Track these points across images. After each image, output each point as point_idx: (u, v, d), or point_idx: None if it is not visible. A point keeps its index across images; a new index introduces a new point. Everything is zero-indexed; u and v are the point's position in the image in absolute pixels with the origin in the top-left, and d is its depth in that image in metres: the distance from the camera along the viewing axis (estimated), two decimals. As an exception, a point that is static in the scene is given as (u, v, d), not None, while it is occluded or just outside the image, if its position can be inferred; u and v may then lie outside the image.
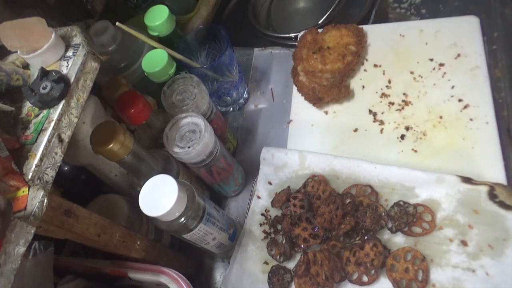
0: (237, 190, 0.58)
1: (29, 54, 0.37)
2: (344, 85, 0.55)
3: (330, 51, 0.56)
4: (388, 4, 0.67)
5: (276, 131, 0.61)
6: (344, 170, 0.49)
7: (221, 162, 0.49)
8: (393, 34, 0.58)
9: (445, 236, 0.41)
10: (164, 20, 0.54)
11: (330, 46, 0.57)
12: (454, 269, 0.39)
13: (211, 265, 0.54)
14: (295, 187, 0.51)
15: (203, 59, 0.60)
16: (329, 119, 0.55)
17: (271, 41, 0.70)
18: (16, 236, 0.28)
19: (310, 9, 0.77)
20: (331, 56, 0.55)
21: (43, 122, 0.34)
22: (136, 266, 0.42)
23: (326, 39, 0.58)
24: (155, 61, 0.51)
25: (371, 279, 0.40)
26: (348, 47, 0.56)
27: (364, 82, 0.56)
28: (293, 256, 0.46)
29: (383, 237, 0.43)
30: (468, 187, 0.42)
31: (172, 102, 0.49)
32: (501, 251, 0.38)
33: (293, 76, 0.59)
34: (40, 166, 0.31)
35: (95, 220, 0.36)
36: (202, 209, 0.41)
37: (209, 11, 0.71)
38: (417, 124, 0.50)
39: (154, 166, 0.45)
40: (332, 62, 0.55)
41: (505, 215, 0.39)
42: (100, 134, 0.40)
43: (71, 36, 0.40)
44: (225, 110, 0.66)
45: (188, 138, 0.45)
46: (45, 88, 0.34)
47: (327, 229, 0.44)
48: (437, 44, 0.54)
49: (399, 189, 0.45)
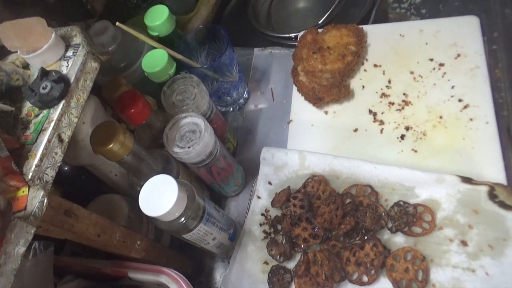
0: (237, 190, 0.58)
1: (29, 54, 0.37)
2: (344, 85, 0.55)
3: (330, 51, 0.56)
4: (388, 4, 0.67)
5: (276, 131, 0.61)
6: (344, 170, 0.49)
7: (221, 162, 0.49)
8: (393, 34, 0.58)
9: (445, 236, 0.41)
10: (164, 20, 0.54)
11: (330, 46, 0.57)
12: (454, 269, 0.39)
13: (211, 265, 0.54)
14: (295, 187, 0.51)
15: (203, 59, 0.60)
16: (329, 119, 0.55)
17: (271, 41, 0.70)
18: (16, 236, 0.28)
19: (310, 9, 0.77)
20: (331, 56, 0.55)
21: (43, 122, 0.34)
22: (136, 266, 0.42)
23: (326, 39, 0.58)
24: (155, 61, 0.51)
25: (371, 279, 0.40)
26: (348, 47, 0.56)
27: (364, 82, 0.56)
28: (293, 256, 0.46)
29: (383, 237, 0.43)
30: (468, 187, 0.42)
31: (172, 102, 0.49)
32: (501, 251, 0.38)
33: (293, 76, 0.59)
34: (40, 166, 0.31)
35: (95, 220, 0.36)
36: (202, 209, 0.41)
37: (209, 11, 0.71)
38: (417, 124, 0.50)
39: (154, 166, 0.45)
40: (332, 62, 0.55)
41: (505, 215, 0.39)
42: (100, 134, 0.40)
43: (71, 36, 0.40)
44: (225, 110, 0.66)
45: (188, 138, 0.45)
46: (45, 88, 0.34)
47: (327, 229, 0.44)
48: (437, 44, 0.54)
49: (399, 189, 0.45)
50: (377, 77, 0.56)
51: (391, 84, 0.54)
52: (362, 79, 0.57)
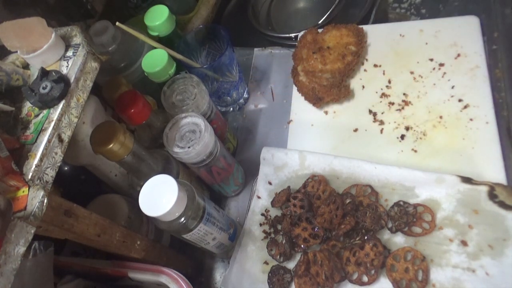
0: (237, 190, 0.58)
1: (29, 54, 0.37)
2: (344, 85, 0.55)
3: (330, 51, 0.56)
4: (388, 4, 0.67)
5: (276, 131, 0.61)
6: (344, 170, 0.49)
7: (221, 162, 0.49)
8: (393, 34, 0.58)
9: (445, 236, 0.41)
10: (164, 20, 0.54)
11: (330, 46, 0.57)
12: (454, 269, 0.39)
13: (211, 265, 0.54)
14: (295, 187, 0.51)
15: (203, 59, 0.60)
16: (329, 119, 0.55)
17: (271, 41, 0.70)
18: (16, 236, 0.28)
19: (310, 9, 0.77)
20: (331, 56, 0.55)
21: (43, 122, 0.34)
22: (136, 266, 0.42)
23: (326, 39, 0.58)
24: (155, 61, 0.51)
25: (371, 279, 0.40)
26: (348, 47, 0.56)
27: (364, 82, 0.56)
28: (293, 256, 0.46)
29: (383, 237, 0.43)
30: (468, 187, 0.42)
31: (172, 102, 0.49)
32: (501, 251, 0.38)
33: (293, 76, 0.59)
34: (40, 166, 0.31)
35: (95, 220, 0.36)
36: (202, 209, 0.41)
37: (209, 11, 0.71)
38: (417, 124, 0.50)
39: (154, 166, 0.45)
40: (332, 62, 0.55)
41: (505, 215, 0.39)
42: (100, 134, 0.40)
43: (71, 36, 0.40)
44: (225, 110, 0.66)
45: (188, 138, 0.45)
46: (45, 88, 0.34)
47: (327, 229, 0.44)
48: (437, 44, 0.54)
49: (399, 189, 0.45)
50: (377, 77, 0.56)
51: (391, 84, 0.54)
52: (362, 79, 0.57)
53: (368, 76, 0.57)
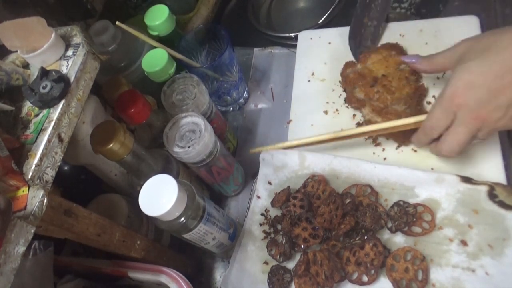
0: (237, 190, 0.58)
1: (29, 54, 0.37)
2: (419, 109, 0.48)
3: (388, 78, 0.50)
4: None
5: (276, 131, 0.61)
6: (344, 170, 0.49)
7: (221, 162, 0.49)
8: (393, 34, 0.58)
9: (445, 236, 0.41)
10: (164, 20, 0.54)
11: (383, 73, 0.51)
12: (454, 269, 0.39)
13: (211, 265, 0.54)
14: (295, 187, 0.51)
15: (203, 59, 0.60)
16: (329, 119, 0.55)
17: (271, 41, 0.70)
18: (16, 236, 0.28)
19: (310, 9, 0.77)
20: (393, 83, 0.49)
21: (43, 122, 0.34)
22: (136, 266, 0.42)
23: (372, 68, 0.52)
24: (155, 61, 0.51)
25: (371, 279, 0.40)
26: (401, 66, 0.50)
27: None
28: (293, 256, 0.46)
29: (383, 237, 0.43)
30: (468, 187, 0.42)
31: (172, 102, 0.49)
32: (501, 251, 0.38)
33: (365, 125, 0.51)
34: (40, 166, 0.32)
35: (95, 220, 0.36)
36: (202, 209, 0.41)
37: (209, 11, 0.71)
38: (417, 124, 0.50)
39: (154, 166, 0.46)
40: (399, 88, 0.48)
41: (505, 215, 0.39)
42: (100, 133, 0.40)
43: (71, 36, 0.40)
44: (225, 110, 0.66)
45: (188, 138, 0.45)
46: (45, 87, 0.34)
47: (327, 229, 0.44)
48: (437, 44, 0.54)
49: (399, 189, 0.45)
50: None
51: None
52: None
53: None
